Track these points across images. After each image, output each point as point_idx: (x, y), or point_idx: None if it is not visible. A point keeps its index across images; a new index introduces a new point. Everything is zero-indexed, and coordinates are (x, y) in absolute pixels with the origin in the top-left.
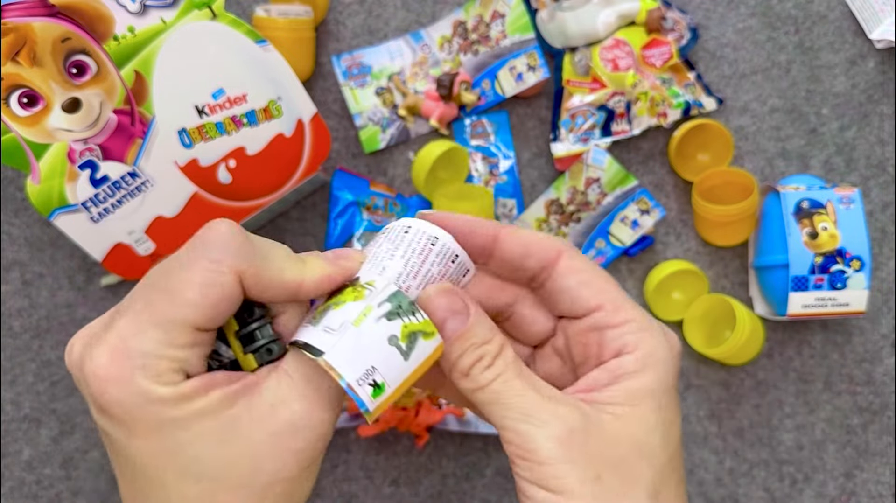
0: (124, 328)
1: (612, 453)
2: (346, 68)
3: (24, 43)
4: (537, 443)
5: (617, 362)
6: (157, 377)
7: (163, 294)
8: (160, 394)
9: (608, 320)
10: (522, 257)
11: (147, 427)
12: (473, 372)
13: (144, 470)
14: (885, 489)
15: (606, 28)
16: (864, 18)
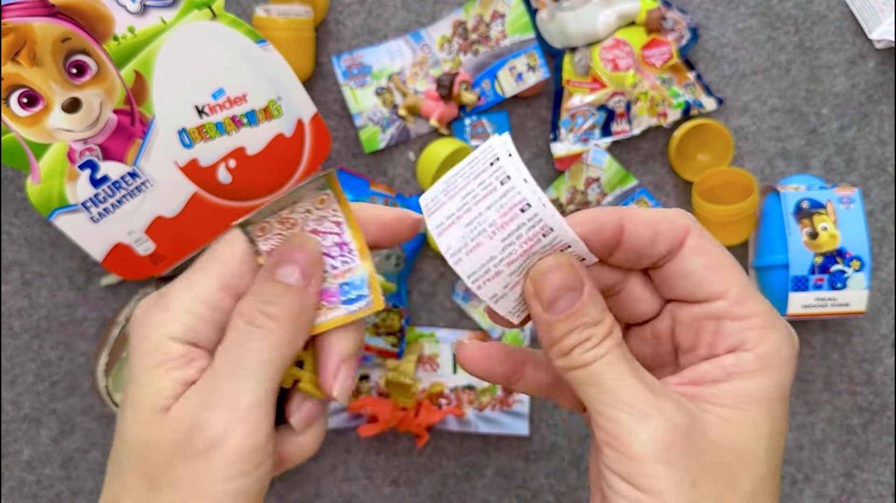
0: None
1: (713, 459)
2: (346, 68)
3: (24, 43)
4: (634, 437)
5: (733, 358)
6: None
7: (205, 257)
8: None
9: (731, 311)
10: (651, 243)
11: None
12: (576, 351)
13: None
14: (885, 489)
15: (606, 28)
16: (864, 18)
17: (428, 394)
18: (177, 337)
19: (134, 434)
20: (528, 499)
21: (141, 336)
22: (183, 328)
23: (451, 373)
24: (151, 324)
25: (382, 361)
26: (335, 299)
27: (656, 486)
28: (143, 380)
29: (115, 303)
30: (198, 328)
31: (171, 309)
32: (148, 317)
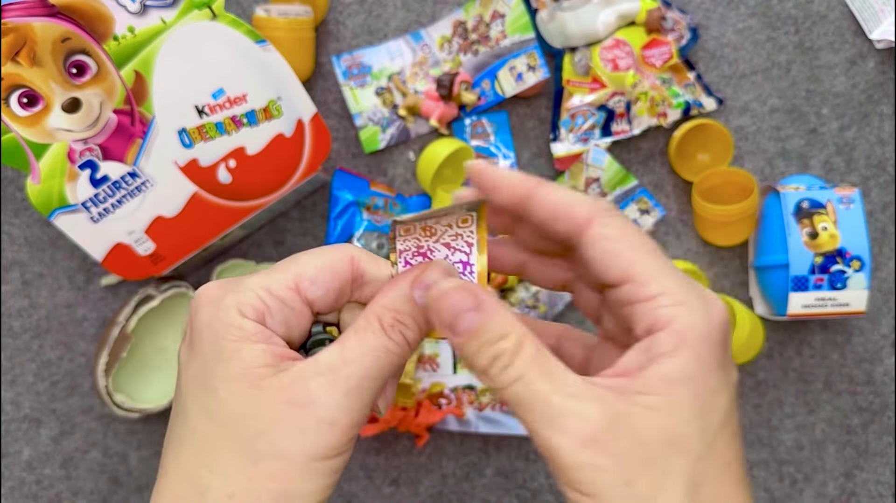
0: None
1: (644, 452)
2: (346, 68)
3: (24, 43)
4: (561, 449)
5: (649, 341)
6: (238, 303)
7: (290, 260)
8: (229, 316)
9: (637, 294)
10: (551, 219)
11: (203, 348)
12: (492, 372)
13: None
14: (885, 489)
15: (606, 28)
16: (864, 18)
17: (428, 394)
18: (250, 316)
19: (231, 407)
20: (528, 499)
21: (212, 315)
22: (254, 311)
23: (451, 373)
24: (224, 304)
25: None
26: None
27: (592, 489)
28: (227, 355)
29: (115, 303)
30: (266, 314)
31: (244, 292)
32: (219, 298)
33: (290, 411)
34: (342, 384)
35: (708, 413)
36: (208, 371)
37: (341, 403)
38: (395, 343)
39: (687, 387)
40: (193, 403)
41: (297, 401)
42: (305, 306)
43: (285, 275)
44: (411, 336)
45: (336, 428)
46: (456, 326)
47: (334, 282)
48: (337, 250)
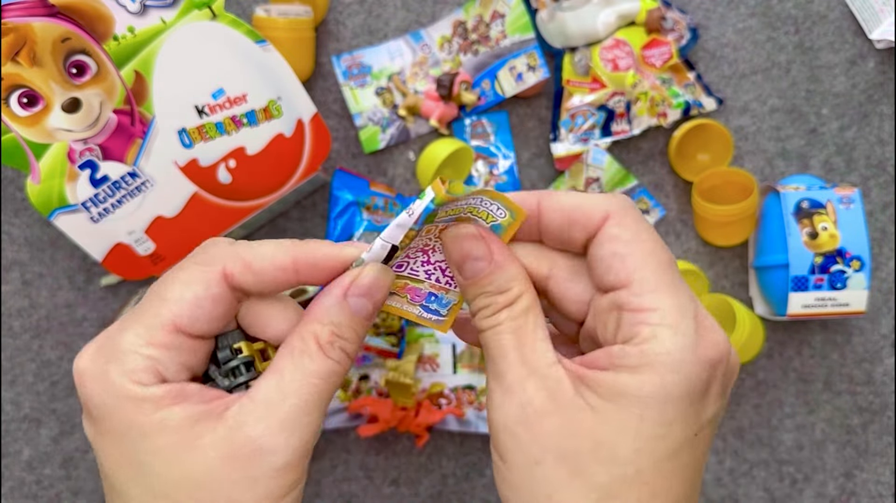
0: (113, 328)
1: (567, 443)
2: (346, 68)
3: (24, 43)
4: (492, 408)
5: (619, 349)
6: (129, 373)
7: (153, 296)
8: (129, 392)
9: (629, 301)
10: (566, 228)
11: (114, 428)
12: (479, 315)
13: (112, 479)
14: (885, 489)
15: (606, 28)
16: (864, 18)
17: (428, 394)
18: (148, 382)
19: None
20: None
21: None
22: (147, 373)
23: (451, 373)
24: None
25: (382, 361)
26: (418, 300)
27: (507, 456)
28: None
29: (115, 303)
30: (161, 370)
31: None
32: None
33: (237, 465)
34: (288, 423)
35: (650, 439)
36: (134, 449)
37: (289, 443)
38: (334, 362)
39: (636, 406)
40: (132, 485)
41: (241, 452)
42: (195, 340)
43: (159, 320)
44: (352, 349)
45: (288, 469)
46: (463, 269)
47: (216, 308)
48: (205, 271)
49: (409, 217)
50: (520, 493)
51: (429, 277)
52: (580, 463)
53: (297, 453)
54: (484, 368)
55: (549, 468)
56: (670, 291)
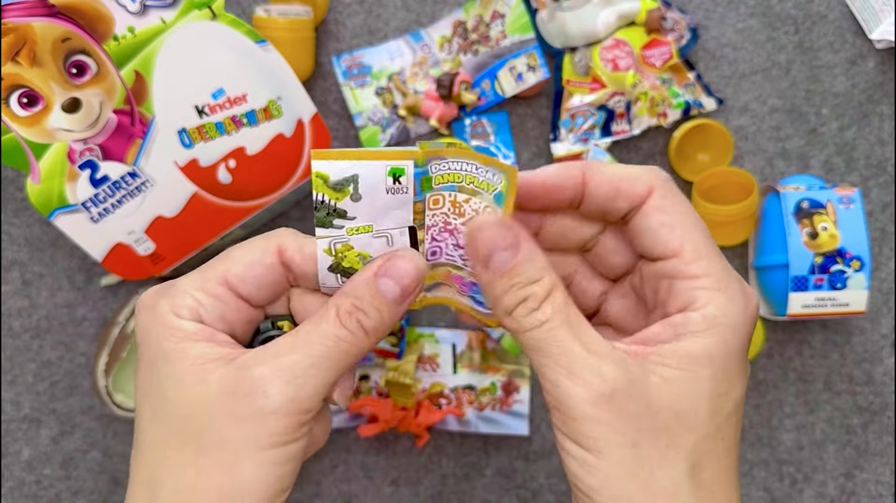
0: (180, 277)
1: (653, 421)
2: (346, 68)
3: (24, 43)
4: (573, 401)
5: (681, 318)
6: (173, 306)
7: (220, 255)
8: (166, 320)
9: (682, 269)
10: (612, 198)
11: (148, 352)
12: (517, 313)
13: (137, 400)
14: (885, 489)
15: (606, 28)
16: (864, 18)
17: (428, 394)
18: (186, 317)
19: (177, 405)
20: (528, 499)
21: (150, 321)
22: (189, 311)
23: (451, 373)
24: (159, 309)
25: (382, 361)
26: (465, 290)
27: (597, 445)
28: (174, 356)
29: (115, 303)
30: (202, 313)
31: (177, 295)
32: (154, 305)
33: (232, 401)
34: (286, 372)
35: (721, 397)
36: (155, 374)
37: (284, 391)
38: (348, 331)
39: (707, 368)
40: (145, 408)
41: (239, 390)
42: (241, 301)
43: (214, 272)
44: (370, 324)
45: (279, 415)
46: (490, 262)
47: (266, 276)
48: (266, 240)
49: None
50: (615, 479)
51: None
52: (671, 435)
53: (292, 403)
54: (484, 368)
55: (646, 448)
56: (714, 257)
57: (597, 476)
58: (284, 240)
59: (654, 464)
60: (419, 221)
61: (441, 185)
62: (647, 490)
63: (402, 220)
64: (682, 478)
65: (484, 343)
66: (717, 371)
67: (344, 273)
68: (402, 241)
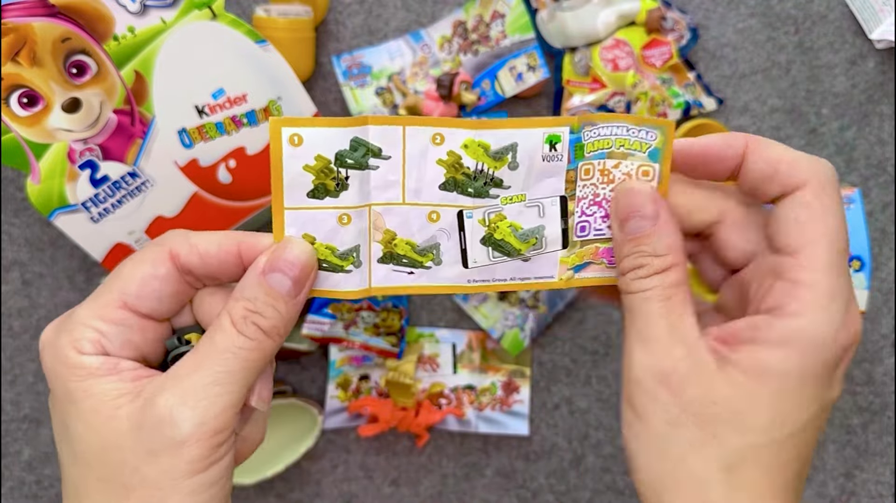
0: (76, 306)
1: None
2: (346, 68)
3: (24, 43)
4: (637, 367)
5: (765, 321)
6: (73, 342)
7: (112, 274)
8: (69, 359)
9: (789, 271)
10: (767, 179)
11: (55, 393)
12: (629, 276)
13: (56, 442)
14: (885, 489)
15: (606, 28)
16: (864, 18)
17: (428, 394)
18: (87, 351)
19: (91, 446)
20: (528, 499)
21: (53, 360)
22: (91, 344)
23: (451, 373)
24: (59, 346)
25: (382, 361)
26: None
27: (645, 413)
28: (79, 396)
29: None
30: (104, 343)
31: (75, 328)
32: (55, 341)
33: (143, 436)
34: (190, 396)
35: (786, 412)
36: (66, 416)
37: (190, 417)
38: (246, 338)
39: (775, 380)
40: (63, 450)
41: (147, 423)
42: (145, 320)
43: (110, 296)
44: (269, 324)
45: (192, 443)
46: (626, 224)
47: (164, 288)
48: (155, 249)
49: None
50: (651, 450)
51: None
52: (716, 428)
53: (202, 427)
54: (484, 368)
55: (687, 430)
56: (832, 273)
57: (637, 440)
58: (175, 244)
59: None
60: (570, 191)
61: (592, 152)
62: (676, 468)
63: (554, 189)
64: (715, 471)
65: (484, 343)
66: (786, 387)
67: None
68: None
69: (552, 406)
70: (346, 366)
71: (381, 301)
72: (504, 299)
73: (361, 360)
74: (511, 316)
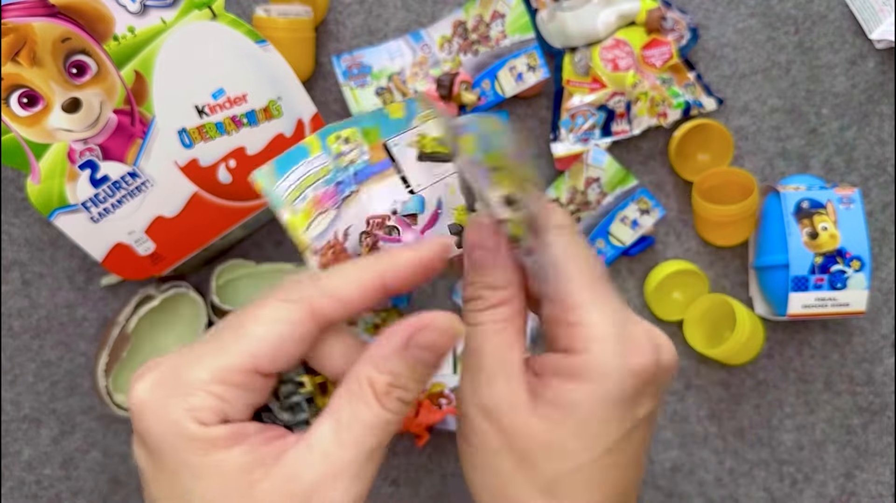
0: (180, 357)
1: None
2: (346, 68)
3: (24, 43)
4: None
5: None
6: (192, 410)
7: (230, 329)
8: (188, 431)
9: (562, 317)
10: None
11: (169, 464)
12: (468, 306)
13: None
14: (885, 489)
15: (606, 28)
16: (864, 18)
17: (428, 394)
18: (210, 422)
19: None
20: None
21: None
22: (213, 413)
23: (451, 373)
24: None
25: None
26: None
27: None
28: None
29: (115, 304)
30: (227, 410)
31: (192, 394)
32: (163, 406)
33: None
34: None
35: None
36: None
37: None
38: (392, 413)
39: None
40: None
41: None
42: (268, 379)
43: (237, 358)
44: (410, 397)
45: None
46: (470, 253)
47: (299, 348)
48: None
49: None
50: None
51: None
52: (530, 458)
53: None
54: None
55: (508, 459)
56: (599, 305)
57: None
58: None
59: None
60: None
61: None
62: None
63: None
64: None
65: None
66: (587, 415)
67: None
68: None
69: None
70: None
71: None
72: None
73: None
74: None
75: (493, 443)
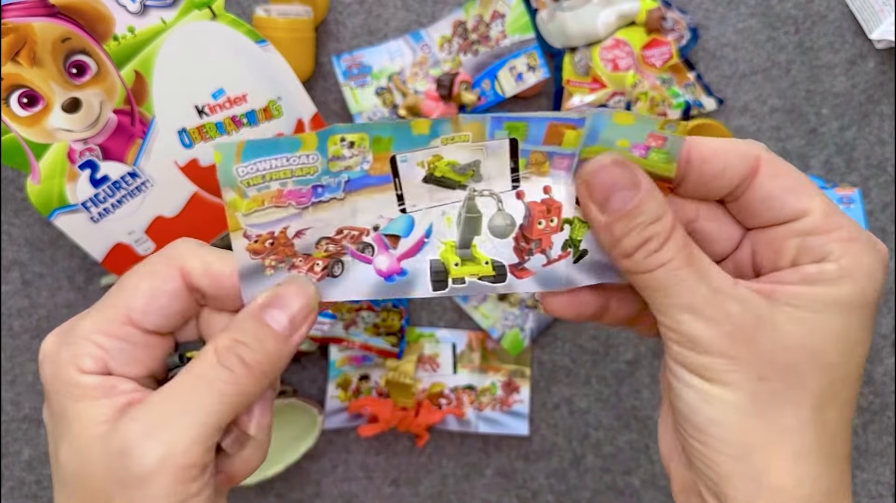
0: (79, 315)
1: (782, 357)
2: (346, 68)
3: (24, 43)
4: (701, 337)
5: (816, 268)
6: (75, 358)
7: (116, 286)
8: (67, 375)
9: (817, 226)
10: (721, 173)
11: (51, 409)
12: (638, 256)
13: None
14: (885, 489)
15: (606, 28)
16: (864, 18)
17: (428, 394)
18: (88, 369)
19: (72, 466)
20: (528, 499)
21: (52, 375)
22: (93, 360)
23: (451, 373)
24: (60, 360)
25: (382, 361)
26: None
27: (722, 377)
28: (71, 416)
29: None
30: (107, 360)
31: (78, 343)
32: (56, 355)
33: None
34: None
35: (851, 344)
36: (56, 435)
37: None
38: (226, 369)
39: (842, 312)
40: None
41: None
42: (151, 336)
43: (113, 310)
44: (254, 358)
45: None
46: (609, 204)
47: (171, 305)
48: (166, 262)
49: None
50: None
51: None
52: (800, 374)
53: (167, 461)
54: (484, 368)
55: (773, 382)
56: (841, 212)
57: (718, 407)
58: (187, 260)
59: (781, 399)
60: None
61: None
62: (771, 425)
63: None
64: (809, 417)
65: (484, 343)
66: (853, 318)
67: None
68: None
69: (552, 406)
70: (346, 367)
71: (381, 301)
72: (504, 299)
73: (361, 360)
74: (511, 316)
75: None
